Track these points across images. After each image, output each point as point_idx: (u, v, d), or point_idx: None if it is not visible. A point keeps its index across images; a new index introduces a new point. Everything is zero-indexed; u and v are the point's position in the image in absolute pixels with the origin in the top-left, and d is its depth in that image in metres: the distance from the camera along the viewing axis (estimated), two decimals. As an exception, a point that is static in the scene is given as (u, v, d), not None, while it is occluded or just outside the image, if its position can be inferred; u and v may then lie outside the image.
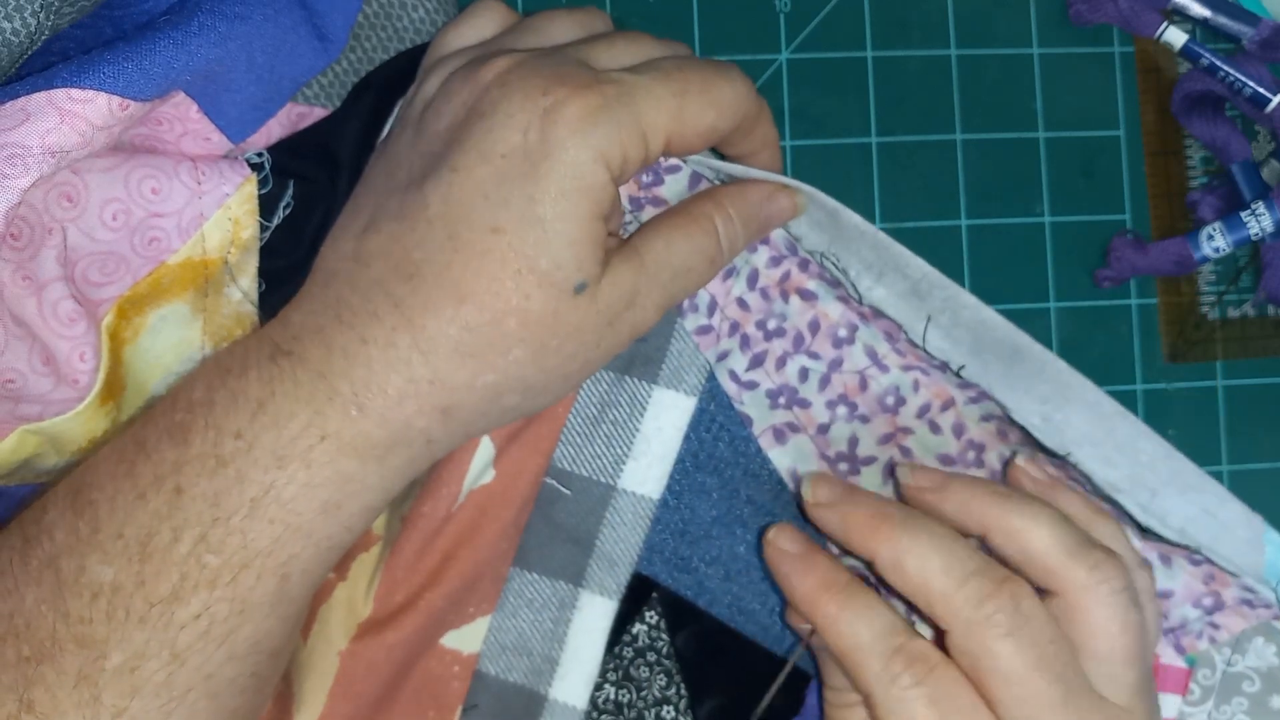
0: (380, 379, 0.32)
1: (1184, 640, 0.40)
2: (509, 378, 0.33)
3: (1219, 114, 0.45)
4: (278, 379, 0.32)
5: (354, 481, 0.33)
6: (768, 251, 0.39)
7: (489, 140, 0.33)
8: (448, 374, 0.33)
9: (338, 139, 0.38)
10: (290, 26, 0.36)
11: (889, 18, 0.45)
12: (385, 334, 0.32)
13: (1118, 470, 0.40)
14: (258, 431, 0.32)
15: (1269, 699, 0.40)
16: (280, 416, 0.32)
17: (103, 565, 0.31)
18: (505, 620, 0.40)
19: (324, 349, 0.33)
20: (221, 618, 0.31)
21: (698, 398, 0.40)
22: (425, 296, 0.32)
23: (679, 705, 0.41)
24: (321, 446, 0.32)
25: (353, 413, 0.32)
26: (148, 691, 0.31)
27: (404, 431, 0.33)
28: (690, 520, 0.40)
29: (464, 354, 0.33)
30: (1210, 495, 0.40)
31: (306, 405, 0.32)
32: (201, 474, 0.31)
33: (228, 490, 0.31)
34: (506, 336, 0.33)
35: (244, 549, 0.31)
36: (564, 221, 0.32)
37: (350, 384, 0.32)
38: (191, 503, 0.31)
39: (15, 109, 0.30)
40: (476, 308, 0.32)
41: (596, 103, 0.32)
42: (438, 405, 0.33)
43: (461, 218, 0.32)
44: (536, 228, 0.32)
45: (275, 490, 0.32)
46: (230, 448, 0.32)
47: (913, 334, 0.40)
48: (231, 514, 0.31)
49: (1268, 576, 0.40)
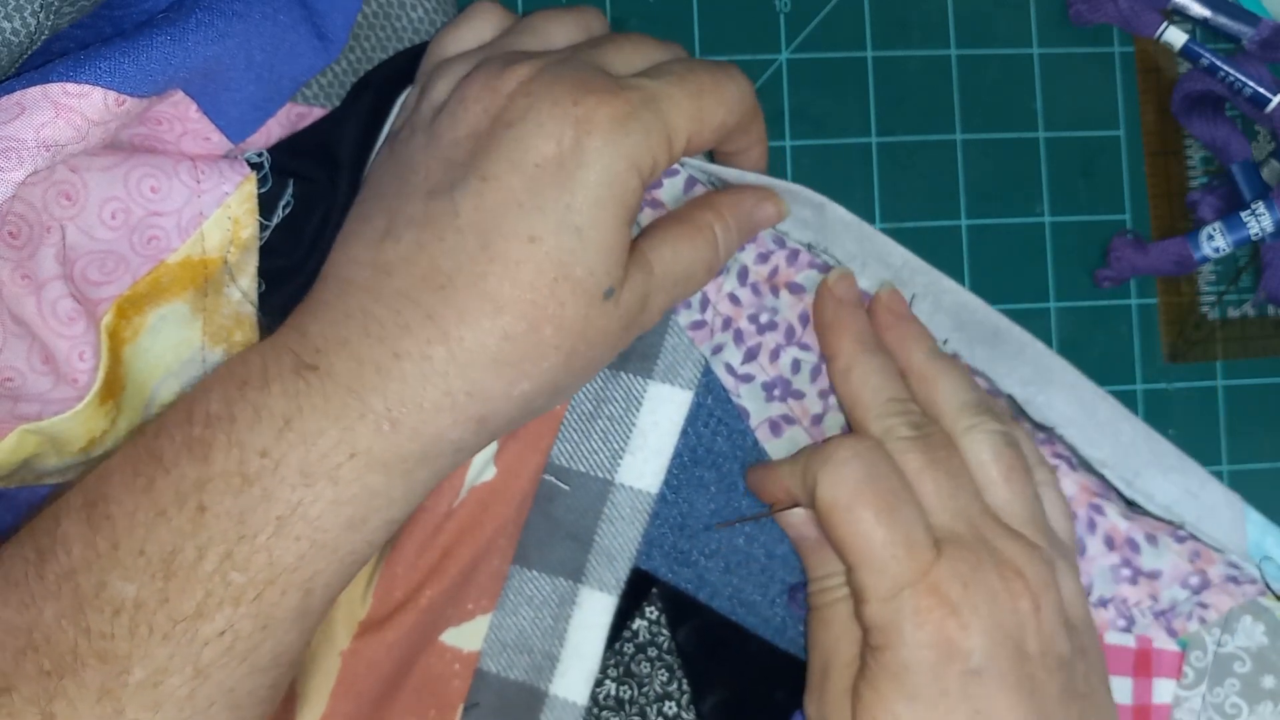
0: (415, 394, 0.32)
1: (1175, 623, 0.40)
2: (543, 384, 0.34)
3: (1219, 114, 0.45)
4: (304, 394, 0.32)
5: (380, 496, 0.33)
6: (755, 249, 0.40)
7: (520, 149, 0.33)
8: (485, 385, 0.33)
9: (337, 138, 0.38)
10: (289, 25, 0.36)
11: (889, 18, 0.45)
12: (419, 347, 0.32)
13: (1100, 451, 0.41)
14: (285, 450, 0.31)
15: (1260, 679, 0.40)
16: (308, 434, 0.32)
17: (124, 582, 0.31)
18: (505, 618, 0.40)
19: (354, 363, 0.32)
20: (245, 634, 0.31)
21: (694, 391, 0.40)
22: (460, 307, 0.32)
23: (681, 700, 0.41)
24: (350, 464, 0.32)
25: (385, 428, 0.32)
26: (170, 706, 0.31)
27: (436, 444, 0.33)
28: (689, 514, 0.40)
29: (502, 364, 0.33)
30: (1192, 477, 0.41)
31: (336, 422, 0.32)
32: (226, 492, 0.31)
33: (253, 508, 0.31)
34: (543, 344, 0.33)
35: (270, 566, 0.31)
36: (598, 229, 0.33)
37: (384, 400, 0.32)
38: (216, 521, 0.31)
39: (10, 103, 0.30)
40: (515, 317, 0.32)
41: (625, 110, 0.33)
42: (474, 416, 0.33)
43: (494, 227, 0.32)
44: (573, 236, 0.33)
45: (302, 509, 0.31)
46: (256, 466, 0.31)
47: None
48: (257, 532, 0.31)
49: (1251, 554, 0.40)
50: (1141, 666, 0.41)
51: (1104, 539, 0.40)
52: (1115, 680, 0.41)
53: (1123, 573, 0.40)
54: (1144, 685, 0.41)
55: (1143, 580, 0.40)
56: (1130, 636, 0.41)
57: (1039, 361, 0.40)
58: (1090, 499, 0.40)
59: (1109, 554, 0.40)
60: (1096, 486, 0.40)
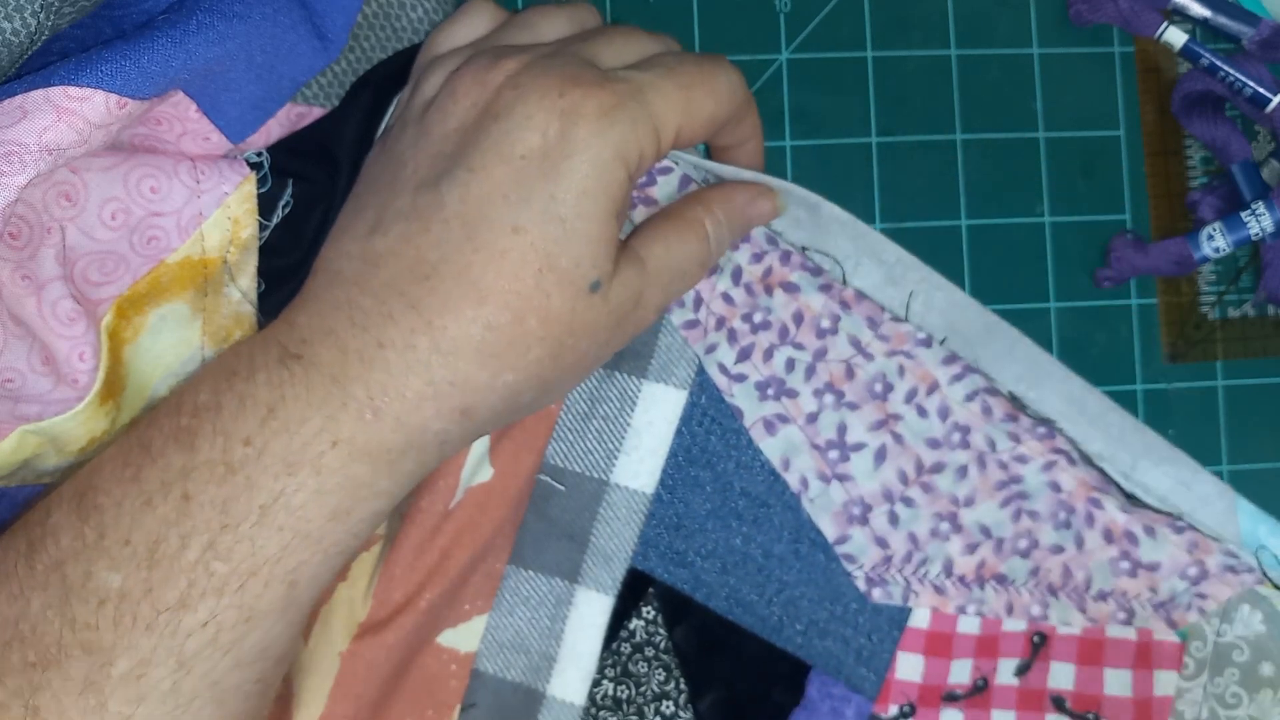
0: (398, 382, 0.32)
1: (1174, 614, 0.40)
2: (528, 376, 0.34)
3: (1219, 114, 0.45)
4: (288, 383, 0.32)
5: (365, 487, 0.33)
6: (749, 249, 0.40)
7: (507, 141, 0.33)
8: (468, 375, 0.33)
9: (336, 138, 0.38)
10: (290, 26, 0.36)
11: (889, 18, 0.45)
12: (403, 336, 0.32)
13: (1094, 445, 0.41)
14: (268, 438, 0.32)
15: (1258, 666, 0.41)
16: (291, 422, 0.32)
17: (110, 572, 0.31)
18: (502, 618, 0.40)
19: (337, 352, 0.32)
20: (229, 625, 0.31)
21: (688, 391, 0.40)
22: (444, 297, 0.32)
23: (678, 700, 0.41)
24: (333, 452, 0.32)
25: (367, 417, 0.32)
26: (154, 699, 0.31)
27: (420, 435, 0.33)
28: (685, 514, 0.40)
29: (485, 354, 0.33)
30: (1183, 468, 0.41)
31: (319, 410, 0.32)
32: (210, 481, 0.31)
33: (236, 497, 0.31)
34: (527, 335, 0.33)
35: (252, 556, 0.31)
36: (584, 220, 0.33)
37: (366, 388, 0.32)
38: (200, 509, 0.31)
39: (12, 106, 0.30)
40: (498, 307, 0.32)
41: (612, 102, 0.33)
42: (457, 407, 0.33)
43: (480, 218, 0.33)
44: (558, 227, 0.33)
45: (285, 497, 0.31)
46: (239, 454, 0.31)
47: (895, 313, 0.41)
48: (240, 521, 0.31)
49: (1245, 544, 0.40)
50: (1142, 659, 0.41)
51: (1103, 532, 0.40)
52: (1117, 673, 0.41)
53: (1122, 565, 0.40)
54: (1145, 678, 0.41)
55: (1142, 573, 0.40)
56: (1131, 629, 0.41)
57: (1029, 358, 0.40)
58: (1088, 493, 0.40)
59: (1108, 547, 0.40)
60: (1095, 481, 0.40)
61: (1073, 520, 0.40)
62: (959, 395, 0.40)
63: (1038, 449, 0.40)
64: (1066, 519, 0.40)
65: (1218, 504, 0.40)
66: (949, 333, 0.41)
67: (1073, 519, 0.40)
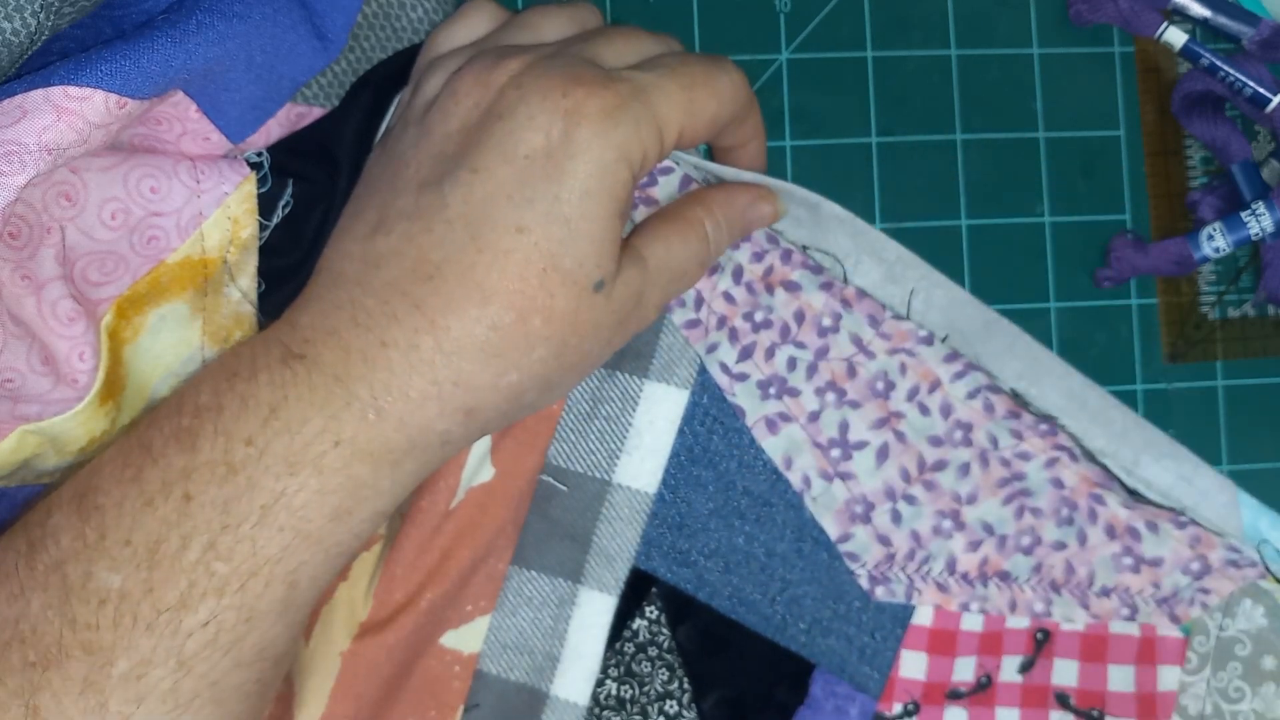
0: (402, 382, 0.32)
1: (1177, 609, 0.41)
2: (532, 376, 0.34)
3: (1219, 114, 0.45)
4: (290, 383, 0.32)
5: (366, 487, 0.32)
6: (750, 247, 0.40)
7: (510, 141, 0.33)
8: (472, 375, 0.33)
9: (336, 138, 0.38)
10: (290, 26, 0.36)
11: (889, 18, 0.45)
12: (407, 336, 0.32)
13: (1096, 441, 0.41)
14: (269, 438, 0.31)
15: (1260, 660, 0.41)
16: (293, 422, 0.32)
17: (110, 572, 0.31)
18: (505, 619, 0.40)
19: (340, 352, 0.32)
20: (229, 625, 0.31)
21: (689, 390, 0.40)
22: (447, 297, 0.32)
23: (682, 699, 0.41)
24: (335, 453, 0.32)
25: (370, 417, 0.32)
26: (154, 699, 0.30)
27: (423, 435, 0.33)
28: (687, 514, 0.40)
29: (489, 354, 0.33)
30: (1184, 463, 0.41)
31: (321, 410, 0.32)
32: (211, 481, 0.31)
33: (237, 497, 0.31)
34: (531, 335, 0.33)
35: (253, 556, 0.31)
36: (588, 221, 0.33)
37: (369, 388, 0.32)
38: (200, 510, 0.31)
39: (12, 106, 0.30)
40: (502, 307, 0.32)
41: (615, 102, 0.33)
42: (460, 407, 0.33)
43: (484, 218, 0.33)
44: (562, 227, 0.33)
45: (286, 497, 0.31)
46: (241, 454, 0.31)
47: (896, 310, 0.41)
48: (241, 521, 0.31)
49: (1247, 537, 0.40)
50: (1146, 655, 0.41)
51: (1105, 529, 0.40)
52: (1120, 669, 0.41)
53: (1124, 561, 0.40)
54: (1149, 673, 0.41)
55: (1145, 568, 0.40)
56: (1134, 625, 0.41)
57: (1029, 354, 0.41)
58: (1091, 489, 0.40)
59: (1110, 543, 0.40)
60: (1098, 477, 0.40)
61: (1075, 516, 0.40)
62: (961, 393, 0.40)
63: (1040, 446, 0.40)
64: (1069, 515, 0.40)
65: (1220, 499, 0.41)
66: (950, 330, 0.41)
67: (1075, 515, 0.40)
